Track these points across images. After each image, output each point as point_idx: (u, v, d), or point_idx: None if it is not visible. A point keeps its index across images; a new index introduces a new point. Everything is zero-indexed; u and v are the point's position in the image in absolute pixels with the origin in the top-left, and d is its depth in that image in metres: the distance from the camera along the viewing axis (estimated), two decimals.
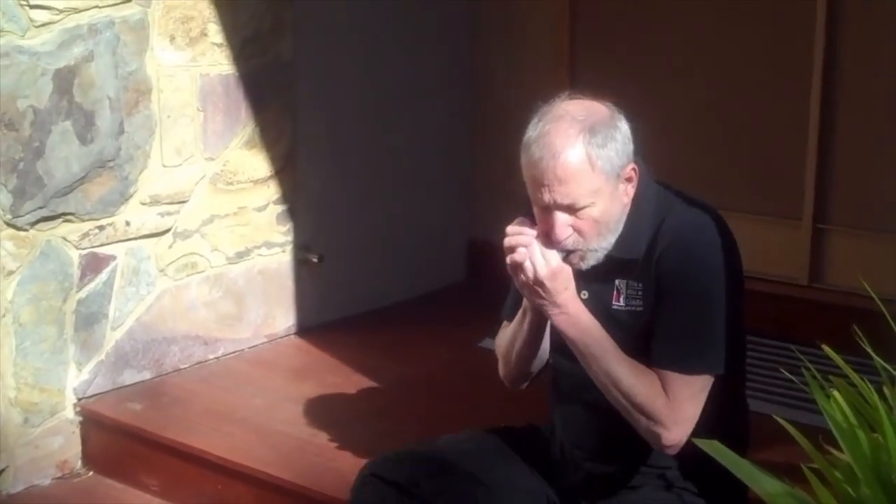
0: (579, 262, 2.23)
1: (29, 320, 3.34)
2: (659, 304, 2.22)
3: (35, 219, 3.31)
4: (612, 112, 2.22)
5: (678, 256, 2.21)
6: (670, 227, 2.23)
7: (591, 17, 4.35)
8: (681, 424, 2.18)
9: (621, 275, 2.26)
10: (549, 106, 2.23)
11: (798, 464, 1.73)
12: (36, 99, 3.26)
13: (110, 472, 3.48)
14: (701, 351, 2.21)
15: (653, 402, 2.18)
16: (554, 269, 2.18)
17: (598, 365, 2.21)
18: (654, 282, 2.23)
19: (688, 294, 2.21)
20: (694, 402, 2.20)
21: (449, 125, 4.56)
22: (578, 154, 2.14)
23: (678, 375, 2.19)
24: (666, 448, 2.20)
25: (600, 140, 2.15)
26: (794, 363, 1.99)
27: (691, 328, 2.21)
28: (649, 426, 2.19)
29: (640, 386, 2.19)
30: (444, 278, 4.57)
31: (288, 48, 3.92)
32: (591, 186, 2.15)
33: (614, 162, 2.17)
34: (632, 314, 2.26)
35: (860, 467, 1.65)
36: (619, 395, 2.20)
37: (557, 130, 2.15)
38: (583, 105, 2.22)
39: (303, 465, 3.13)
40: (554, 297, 2.20)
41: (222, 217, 3.83)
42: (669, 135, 4.00)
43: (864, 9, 3.77)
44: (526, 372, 2.44)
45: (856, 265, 3.47)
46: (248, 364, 3.88)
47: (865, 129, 3.81)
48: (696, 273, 2.21)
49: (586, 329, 2.22)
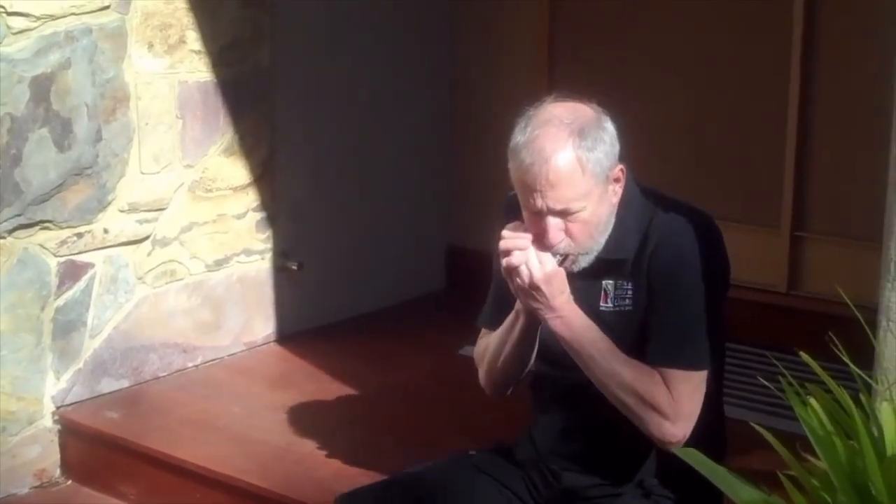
0: (571, 265, 2.23)
1: (6, 328, 3.32)
2: (652, 302, 2.22)
3: (12, 226, 3.30)
4: (599, 114, 2.22)
5: (670, 254, 2.22)
6: (659, 225, 2.24)
7: (570, 24, 4.36)
8: (684, 419, 2.18)
9: (609, 275, 2.26)
10: (535, 109, 2.22)
11: (775, 471, 1.74)
12: (13, 106, 3.25)
13: (89, 481, 3.47)
14: (697, 346, 2.21)
15: (656, 397, 2.18)
16: (549, 274, 2.18)
17: (597, 365, 2.21)
18: (646, 281, 2.23)
19: (681, 291, 2.21)
20: (695, 396, 2.20)
21: (428, 132, 4.56)
22: (569, 158, 2.14)
23: (678, 372, 2.19)
24: (670, 444, 2.18)
25: (590, 143, 2.15)
26: (771, 370, 1.99)
27: (687, 324, 2.21)
28: (655, 421, 2.18)
29: (642, 382, 2.18)
30: (423, 286, 4.57)
31: (266, 56, 3.92)
32: (583, 189, 2.15)
33: (603, 164, 2.17)
34: (621, 314, 2.26)
35: (836, 475, 1.65)
36: (623, 393, 2.19)
37: (547, 135, 2.15)
38: (569, 108, 2.21)
39: (282, 473, 3.13)
40: (550, 301, 2.20)
41: (201, 224, 3.82)
42: (648, 143, 4.00)
43: (841, 18, 3.79)
44: (512, 377, 2.42)
45: (833, 273, 3.47)
46: (228, 372, 3.87)
47: (843, 137, 3.83)
48: (688, 270, 2.21)
49: (582, 330, 2.22)
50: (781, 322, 3.84)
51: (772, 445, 1.73)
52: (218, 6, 3.75)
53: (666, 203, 2.29)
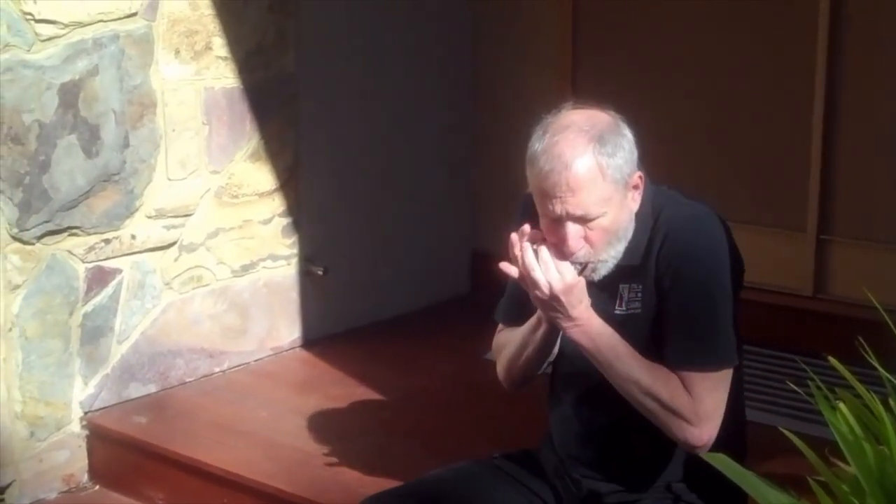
0: (591, 274, 2.22)
1: (35, 334, 3.34)
2: (664, 303, 2.21)
3: (41, 233, 3.32)
4: (616, 120, 2.21)
5: (677, 253, 2.20)
6: (664, 224, 2.22)
7: (593, 28, 4.36)
8: (707, 421, 2.16)
9: (623, 280, 2.25)
10: (552, 117, 2.21)
11: (804, 476, 1.73)
12: (41, 113, 3.27)
13: (116, 486, 3.49)
14: (714, 345, 2.19)
15: (675, 401, 2.16)
16: (569, 284, 2.17)
17: (616, 372, 2.20)
18: (654, 282, 2.22)
19: (691, 290, 2.19)
20: (715, 396, 2.18)
21: (451, 137, 4.57)
22: (589, 164, 2.13)
23: (693, 373, 2.18)
24: (697, 448, 2.17)
25: (609, 149, 2.14)
26: (799, 374, 1.99)
27: (700, 323, 2.19)
28: (678, 426, 2.17)
29: (661, 386, 2.17)
30: (448, 290, 4.58)
31: (291, 61, 3.93)
32: (603, 196, 2.14)
33: (623, 170, 2.16)
34: (631, 317, 2.25)
35: (866, 479, 1.65)
36: (644, 397, 2.18)
37: (566, 141, 2.14)
38: (587, 114, 2.21)
39: (308, 477, 3.13)
40: (569, 311, 2.18)
41: (227, 230, 3.84)
42: (673, 146, 4.00)
43: (866, 20, 3.78)
44: (532, 374, 2.42)
45: (860, 276, 3.47)
46: (253, 377, 3.88)
47: (869, 140, 3.82)
48: (696, 267, 2.20)
49: (601, 338, 2.21)
50: (807, 326, 3.83)
51: (799, 450, 1.72)
52: (243, 12, 3.77)
53: (669, 200, 2.28)
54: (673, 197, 2.30)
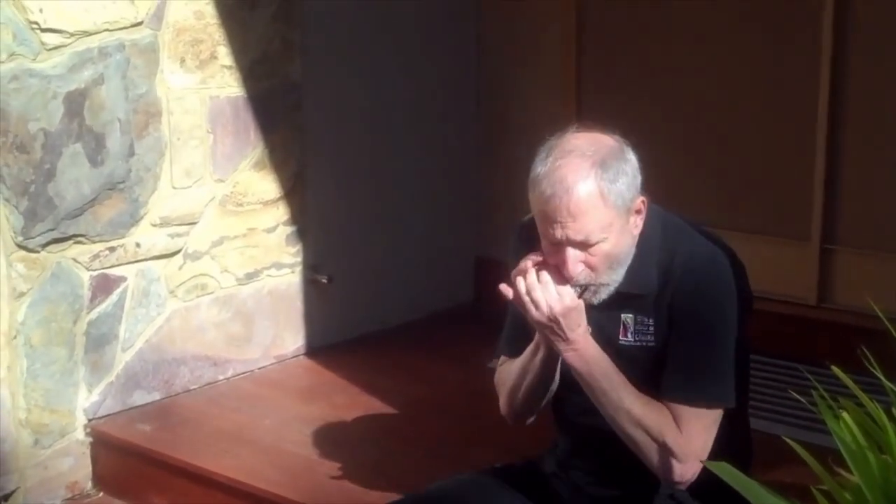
0: (592, 297, 2.21)
1: (39, 342, 3.35)
2: (670, 336, 2.21)
3: (46, 241, 3.33)
4: (621, 145, 2.20)
5: (691, 290, 2.20)
6: (681, 261, 2.22)
7: (598, 38, 4.36)
8: (692, 458, 2.16)
9: (628, 309, 2.25)
10: (556, 140, 2.20)
11: (807, 485, 1.73)
12: (47, 121, 3.28)
13: (120, 493, 3.49)
14: (713, 384, 2.20)
15: (664, 435, 2.17)
16: (568, 306, 2.17)
17: (608, 399, 2.20)
18: (667, 317, 2.22)
19: (700, 327, 2.20)
20: (705, 435, 2.19)
21: (456, 145, 4.57)
22: (591, 189, 2.11)
23: (690, 409, 2.18)
24: (677, 483, 2.19)
25: (612, 175, 2.13)
26: (802, 383, 1.99)
27: (704, 361, 2.20)
28: (661, 459, 2.17)
29: (651, 419, 2.18)
30: (452, 298, 4.58)
31: (296, 70, 3.94)
32: (604, 221, 2.14)
33: (625, 196, 2.15)
34: (643, 349, 2.25)
35: (869, 489, 1.65)
36: (632, 427, 2.19)
37: (569, 165, 2.12)
38: (591, 138, 2.19)
39: (312, 485, 3.14)
40: (566, 334, 2.19)
41: (232, 238, 3.85)
42: (677, 157, 4.01)
43: (871, 31, 3.78)
44: (535, 406, 2.41)
45: (864, 285, 3.47)
46: (258, 385, 3.89)
47: (873, 149, 3.82)
48: (709, 307, 2.20)
49: (595, 363, 2.21)
50: (811, 335, 3.82)
51: (802, 459, 1.72)
52: (248, 22, 3.78)
53: (687, 236, 2.27)
54: (686, 231, 2.29)
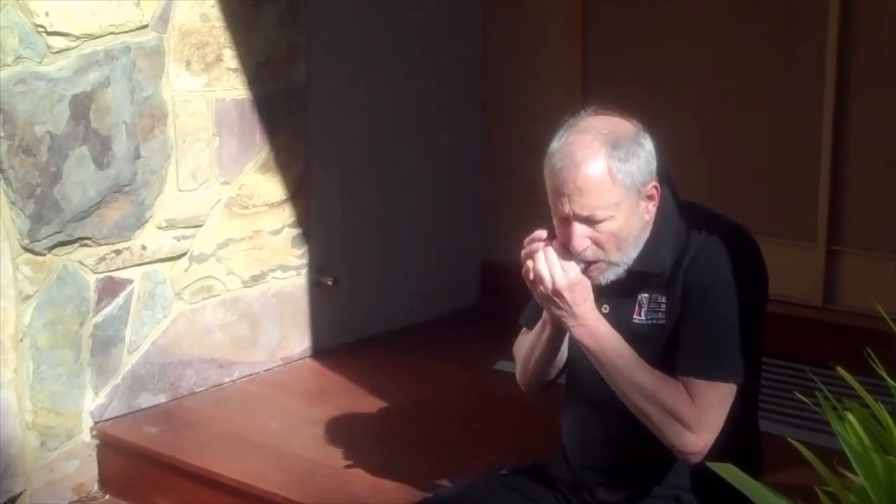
0: (599, 275, 2.23)
1: (46, 344, 3.36)
2: (684, 313, 2.22)
3: (52, 243, 3.34)
4: (638, 129, 2.23)
5: (705, 267, 2.21)
6: (697, 239, 2.23)
7: (604, 38, 4.37)
8: (706, 430, 2.17)
9: (644, 289, 2.26)
10: (574, 119, 2.24)
11: (812, 486, 1.73)
12: (53, 124, 3.29)
13: (126, 496, 3.49)
14: (726, 358, 2.20)
15: (678, 407, 2.17)
16: (572, 280, 2.19)
17: (619, 374, 2.21)
18: (680, 294, 2.22)
19: (714, 303, 2.20)
20: (719, 409, 2.19)
21: (461, 147, 4.58)
22: (599, 166, 2.14)
23: (704, 382, 2.18)
24: (691, 455, 2.18)
25: (623, 154, 2.16)
26: (807, 385, 1.99)
27: (717, 336, 2.20)
28: (676, 431, 2.17)
29: (665, 392, 2.18)
30: (457, 300, 4.58)
31: (301, 73, 3.95)
32: (611, 199, 2.16)
33: (635, 177, 2.17)
34: (654, 327, 2.25)
35: (874, 490, 1.64)
36: (644, 402, 2.18)
37: (580, 142, 2.16)
38: (608, 120, 2.23)
39: (318, 487, 3.14)
40: (573, 309, 2.20)
41: (237, 241, 3.85)
42: (683, 157, 3.98)
43: (876, 33, 3.78)
44: (543, 378, 2.44)
45: (870, 287, 3.46)
46: (264, 387, 3.89)
47: (879, 151, 3.82)
48: (723, 283, 2.20)
49: (605, 339, 2.22)
50: (817, 336, 3.82)
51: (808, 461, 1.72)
52: (254, 24, 3.79)
53: (704, 217, 2.29)
54: (704, 212, 2.30)
